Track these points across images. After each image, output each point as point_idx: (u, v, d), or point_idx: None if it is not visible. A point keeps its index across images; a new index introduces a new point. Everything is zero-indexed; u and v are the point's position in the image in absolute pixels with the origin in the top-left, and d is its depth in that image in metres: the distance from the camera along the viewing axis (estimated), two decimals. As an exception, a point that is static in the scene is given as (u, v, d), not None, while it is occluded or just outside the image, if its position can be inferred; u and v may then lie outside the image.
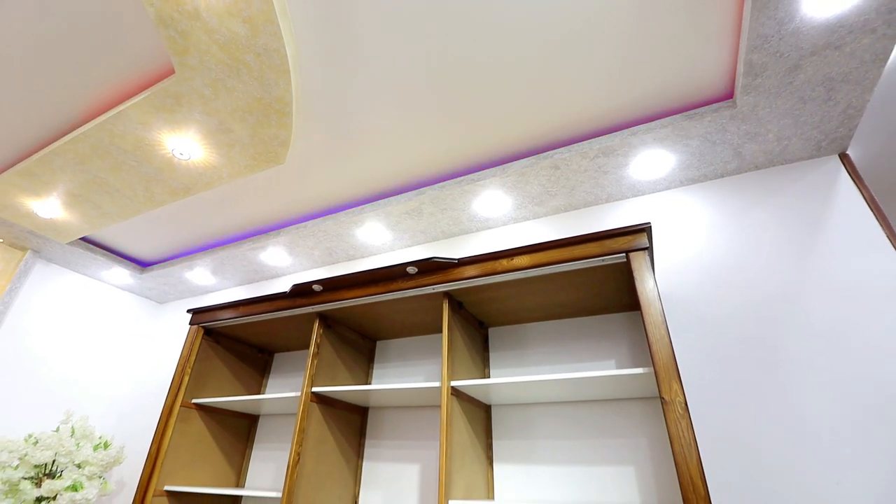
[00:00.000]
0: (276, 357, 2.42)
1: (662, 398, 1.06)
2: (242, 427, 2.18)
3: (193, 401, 1.94)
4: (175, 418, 1.85)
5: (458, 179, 1.96)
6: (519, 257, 1.42)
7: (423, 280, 1.57)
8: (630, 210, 1.92)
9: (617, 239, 1.30)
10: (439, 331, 2.00)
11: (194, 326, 2.04)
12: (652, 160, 1.74)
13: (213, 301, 3.02)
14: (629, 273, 1.37)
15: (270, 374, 2.38)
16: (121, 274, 2.91)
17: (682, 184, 1.86)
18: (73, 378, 2.78)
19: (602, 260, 1.33)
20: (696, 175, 1.81)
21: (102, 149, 1.79)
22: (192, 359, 1.97)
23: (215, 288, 3.02)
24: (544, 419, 1.63)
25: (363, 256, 2.52)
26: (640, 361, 1.59)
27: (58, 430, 2.22)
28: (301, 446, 1.56)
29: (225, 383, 2.12)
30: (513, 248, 1.43)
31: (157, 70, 1.55)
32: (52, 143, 1.87)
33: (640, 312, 1.51)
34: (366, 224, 2.22)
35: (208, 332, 2.08)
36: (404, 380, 1.98)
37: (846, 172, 1.64)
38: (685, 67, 1.47)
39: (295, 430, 1.58)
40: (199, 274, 2.83)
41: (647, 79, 1.52)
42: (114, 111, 1.61)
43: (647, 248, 1.27)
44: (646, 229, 1.28)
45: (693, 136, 1.62)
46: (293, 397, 1.73)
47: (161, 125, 1.66)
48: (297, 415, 1.62)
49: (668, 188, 1.89)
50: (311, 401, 1.66)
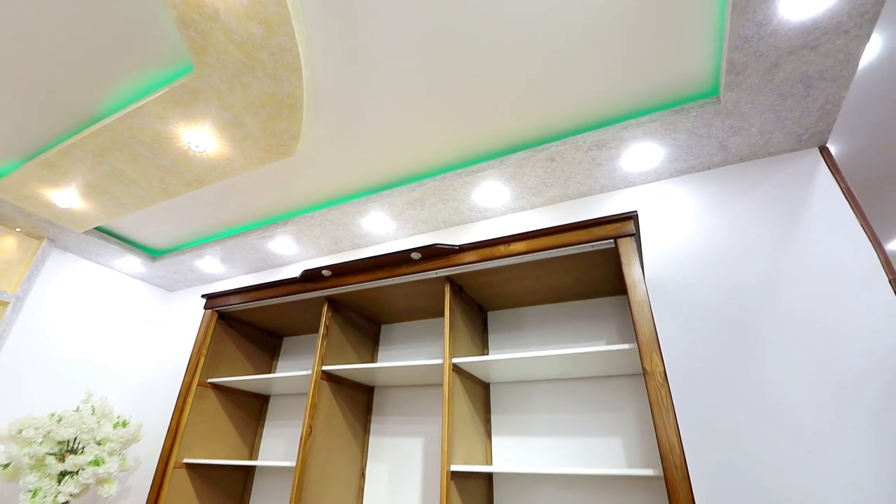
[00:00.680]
0: (285, 341, 2.54)
1: (644, 369, 1.17)
2: (254, 406, 2.31)
3: (209, 380, 2.05)
4: (192, 396, 1.97)
5: (459, 171, 2.06)
6: (515, 243, 1.52)
7: (426, 265, 1.68)
8: (622, 200, 2.03)
9: (606, 226, 1.41)
10: (441, 315, 2.11)
11: (209, 311, 2.15)
12: (642, 153, 1.83)
13: (221, 289, 3.12)
14: (617, 258, 1.47)
15: (280, 357, 2.50)
16: (133, 262, 3.01)
17: (670, 175, 1.96)
18: (89, 363, 2.89)
19: (592, 246, 1.43)
20: (683, 167, 1.91)
21: (122, 141, 1.88)
22: (207, 341, 2.09)
23: (224, 276, 3.12)
24: (540, 395, 1.75)
25: (367, 245, 2.62)
26: (627, 341, 1.70)
27: (78, 409, 2.34)
28: (313, 419, 1.68)
29: (237, 365, 2.23)
30: (510, 235, 1.54)
31: (176, 66, 1.64)
32: (73, 135, 1.97)
33: (627, 295, 1.61)
34: (370, 214, 2.32)
35: (222, 316, 2.19)
36: (408, 361, 2.09)
37: (825, 164, 1.74)
38: (673, 66, 1.57)
39: (307, 405, 1.69)
40: (209, 262, 2.93)
41: (638, 76, 1.61)
42: (134, 105, 1.71)
43: (634, 235, 1.37)
44: (632, 217, 1.38)
45: (680, 130, 1.72)
46: (304, 375, 1.85)
47: (178, 119, 1.75)
48: (308, 390, 1.73)
49: (657, 179, 1.99)
50: (321, 378, 1.77)
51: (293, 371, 2.33)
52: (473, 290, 1.81)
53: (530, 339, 1.88)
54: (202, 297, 2.17)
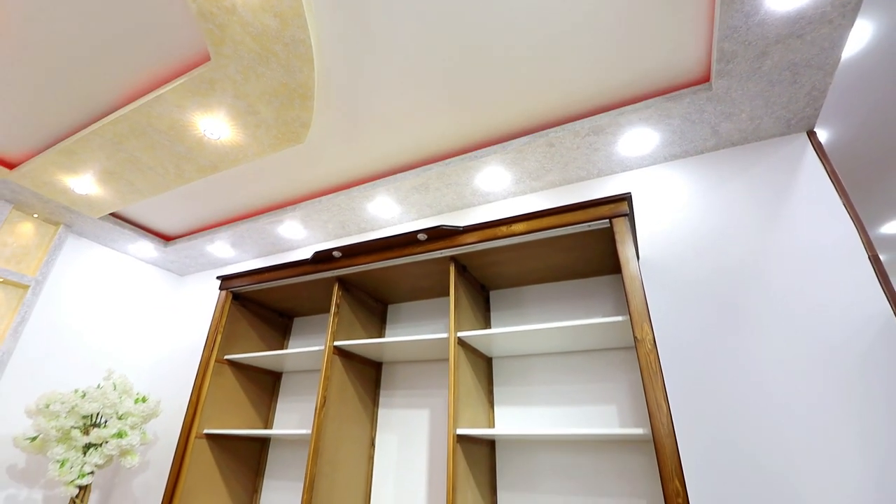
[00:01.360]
0: (296, 321, 2.65)
1: (636, 337, 1.28)
2: (268, 382, 2.42)
3: (226, 357, 2.17)
4: (211, 372, 2.08)
5: (462, 157, 2.15)
6: (517, 224, 1.62)
7: (432, 246, 1.77)
8: (618, 184, 2.11)
9: (601, 207, 1.50)
10: (446, 294, 2.21)
11: (224, 291, 2.26)
12: (638, 138, 1.92)
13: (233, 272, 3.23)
14: (612, 237, 1.57)
15: (290, 337, 2.61)
16: (146, 247, 3.11)
17: (665, 160, 2.05)
18: (105, 345, 3.01)
19: (589, 226, 1.53)
20: (677, 151, 1.99)
21: (140, 129, 1.97)
22: (223, 321, 2.19)
23: (234, 260, 3.22)
24: (539, 368, 1.86)
25: (374, 229, 2.72)
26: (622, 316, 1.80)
27: (100, 386, 2.45)
28: (326, 391, 1.79)
29: (251, 343, 2.35)
30: (511, 217, 1.63)
31: (193, 57, 1.72)
32: (91, 124, 2.05)
33: (621, 272, 1.71)
34: (376, 199, 2.41)
35: (236, 296, 2.29)
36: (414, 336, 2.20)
37: (812, 148, 1.83)
38: (667, 54, 1.64)
39: (321, 378, 1.80)
40: (220, 247, 3.03)
41: (634, 64, 1.69)
42: (153, 94, 1.79)
43: (628, 215, 1.47)
44: (626, 198, 1.47)
45: (674, 115, 1.80)
46: (318, 351, 1.96)
47: (195, 108, 1.83)
48: (322, 364, 1.84)
49: (652, 164, 2.07)
50: (333, 353, 1.88)
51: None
52: (476, 270, 1.91)
53: (530, 317, 1.98)
54: (217, 278, 2.27)
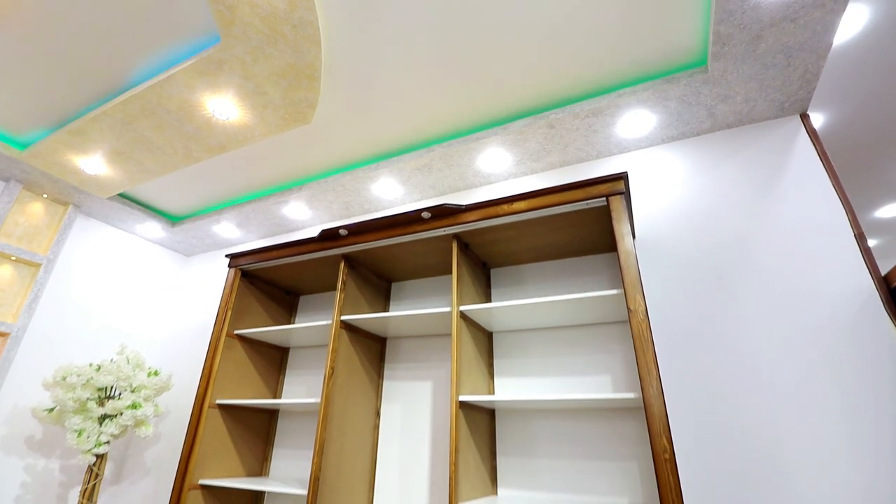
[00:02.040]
0: (301, 299, 2.72)
1: (629, 308, 1.35)
2: (276, 357, 2.51)
3: (236, 332, 2.25)
4: (222, 346, 2.16)
5: (464, 137, 2.20)
6: (518, 202, 1.68)
7: (435, 224, 1.84)
8: (617, 165, 2.17)
9: (599, 185, 1.56)
10: (448, 272, 2.28)
11: (233, 269, 2.33)
12: (636, 120, 1.97)
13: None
14: (609, 215, 1.63)
15: (297, 314, 2.69)
16: (153, 228, 3.17)
17: (662, 142, 2.10)
18: (114, 324, 3.09)
19: (587, 203, 1.59)
20: (674, 133, 2.05)
21: (150, 109, 2.01)
22: (233, 297, 2.27)
23: (240, 241, 3.29)
24: (537, 341, 1.94)
25: (377, 210, 2.78)
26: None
27: (112, 360, 2.54)
28: (334, 362, 1.88)
29: (259, 319, 2.43)
30: (512, 195, 1.69)
31: (202, 38, 1.76)
32: (101, 104, 2.09)
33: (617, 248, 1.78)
34: (380, 179, 2.46)
35: (244, 274, 2.36)
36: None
37: (804, 130, 1.88)
38: (664, 37, 1.69)
39: (329, 350, 1.89)
40: (226, 227, 3.09)
41: (632, 46, 1.74)
42: (164, 75, 1.83)
43: (624, 193, 1.53)
44: (623, 177, 1.53)
45: (671, 98, 1.85)
46: (325, 325, 2.04)
47: (204, 88, 1.88)
48: (330, 337, 1.92)
49: (650, 146, 2.13)
50: (340, 327, 1.96)
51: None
52: (478, 248, 1.98)
53: (530, 293, 2.06)
54: (226, 256, 2.34)
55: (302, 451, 2.28)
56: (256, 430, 2.31)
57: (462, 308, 1.74)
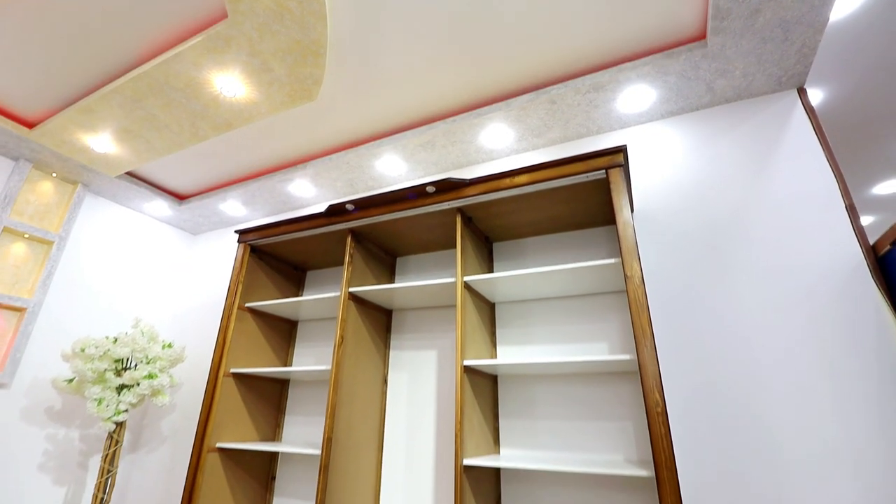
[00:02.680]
0: (309, 274, 2.80)
1: (626, 274, 1.42)
2: (285, 329, 2.60)
3: (246, 305, 2.33)
4: (234, 318, 2.24)
5: (467, 114, 2.24)
6: (520, 176, 1.73)
7: (440, 198, 1.89)
8: (617, 140, 2.21)
9: (598, 159, 1.62)
10: (451, 247, 2.35)
11: (242, 244, 2.40)
12: (636, 95, 2.00)
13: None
14: (608, 188, 1.69)
15: (304, 289, 2.77)
16: (160, 206, 3.23)
17: (661, 116, 2.14)
18: (125, 299, 3.17)
19: (587, 176, 1.64)
20: (674, 108, 2.08)
21: (157, 87, 2.05)
22: (243, 272, 2.34)
23: (245, 219, 3.35)
24: (539, 311, 2.02)
25: (381, 187, 2.83)
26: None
27: (126, 334, 2.63)
28: (343, 332, 1.96)
29: (268, 293, 2.50)
30: (515, 169, 1.74)
31: (208, 15, 1.78)
32: (109, 83, 2.12)
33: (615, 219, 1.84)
34: (384, 156, 2.51)
35: (254, 249, 2.43)
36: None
37: (801, 105, 1.92)
38: (664, 11, 1.72)
39: (338, 320, 1.97)
40: (232, 205, 3.15)
41: (633, 21, 1.76)
42: (172, 52, 1.86)
43: (623, 166, 1.58)
44: (622, 150, 1.58)
45: (671, 72, 1.88)
46: (334, 297, 2.11)
47: (211, 65, 1.91)
48: (338, 309, 2.00)
49: (649, 121, 2.17)
50: (348, 299, 2.04)
51: (317, 303, 2.61)
52: (481, 222, 2.04)
53: (531, 266, 2.12)
54: (235, 232, 2.40)
55: (312, 417, 2.39)
56: (269, 399, 2.41)
57: (466, 278, 1.81)
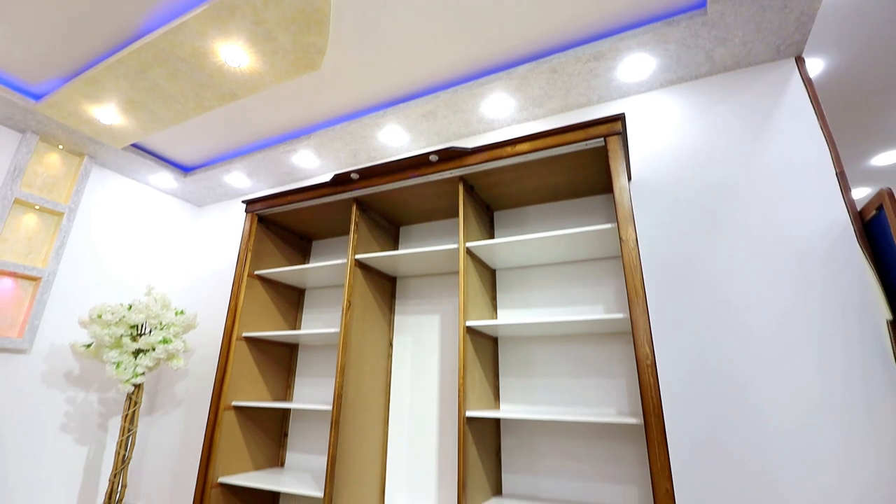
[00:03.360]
0: (314, 244, 2.87)
1: (621, 238, 1.49)
2: (293, 297, 2.69)
3: (256, 272, 2.41)
4: (245, 284, 2.33)
5: (469, 83, 2.26)
6: (521, 144, 1.78)
7: (442, 167, 1.95)
8: (616, 110, 2.25)
9: (597, 127, 1.66)
10: (453, 216, 2.41)
11: (250, 214, 2.46)
12: (636, 63, 2.03)
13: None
14: (606, 154, 1.74)
15: (310, 258, 2.85)
16: (165, 178, 3.27)
17: (661, 86, 2.17)
18: (133, 270, 3.25)
19: (586, 144, 1.69)
20: (673, 77, 2.11)
21: (162, 57, 2.07)
22: (251, 241, 2.41)
23: (250, 190, 3.40)
24: (538, 277, 2.10)
25: (383, 158, 2.87)
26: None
27: (140, 301, 2.72)
28: (351, 297, 2.05)
29: (276, 262, 2.58)
30: (516, 138, 1.79)
31: (213, -17, 1.79)
32: (114, 53, 2.14)
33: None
34: (386, 126, 2.54)
35: (261, 219, 2.50)
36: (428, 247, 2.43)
37: (798, 73, 1.95)
38: (666, -22, 1.73)
39: (345, 286, 2.05)
40: (236, 177, 3.19)
41: (634, -12, 1.78)
42: (176, 22, 1.88)
43: (621, 134, 1.63)
44: (620, 118, 1.63)
45: (671, 41, 1.90)
46: (341, 264, 2.19)
47: (216, 35, 1.93)
48: (346, 275, 2.08)
49: (649, 90, 2.19)
50: (354, 265, 2.11)
51: (324, 271, 2.69)
52: (483, 190, 2.10)
53: (531, 234, 2.19)
54: (242, 202, 2.46)
55: (321, 378, 2.51)
56: (279, 362, 2.53)
57: (468, 244, 1.88)
